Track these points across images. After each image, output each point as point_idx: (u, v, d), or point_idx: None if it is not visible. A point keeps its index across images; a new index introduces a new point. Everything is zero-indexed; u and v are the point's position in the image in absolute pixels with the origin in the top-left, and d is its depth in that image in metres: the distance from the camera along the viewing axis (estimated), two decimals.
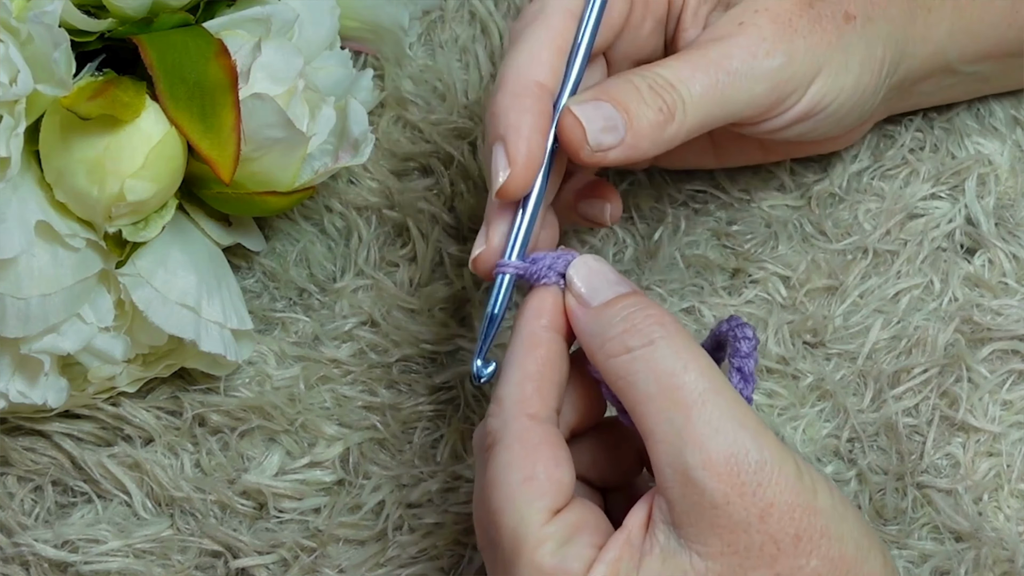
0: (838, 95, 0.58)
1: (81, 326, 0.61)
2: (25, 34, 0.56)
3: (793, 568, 0.47)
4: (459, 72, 0.71)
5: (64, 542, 0.64)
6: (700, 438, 0.47)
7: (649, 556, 0.48)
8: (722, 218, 0.68)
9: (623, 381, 0.49)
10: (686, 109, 0.54)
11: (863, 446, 0.64)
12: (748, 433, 0.48)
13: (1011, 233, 0.67)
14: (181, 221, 0.63)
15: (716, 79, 0.55)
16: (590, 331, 0.51)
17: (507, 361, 0.52)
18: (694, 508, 0.47)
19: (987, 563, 0.61)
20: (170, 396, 0.67)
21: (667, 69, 0.55)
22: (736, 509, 0.47)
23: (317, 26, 0.64)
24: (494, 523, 0.49)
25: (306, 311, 0.68)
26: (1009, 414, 0.64)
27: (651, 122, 0.54)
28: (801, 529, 0.47)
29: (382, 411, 0.66)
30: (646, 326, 0.49)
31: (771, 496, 0.47)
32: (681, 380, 0.48)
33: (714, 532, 0.47)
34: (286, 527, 0.64)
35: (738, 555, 0.47)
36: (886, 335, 0.65)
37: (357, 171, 0.70)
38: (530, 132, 0.53)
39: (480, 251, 0.54)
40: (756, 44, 0.56)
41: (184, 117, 0.58)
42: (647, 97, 0.54)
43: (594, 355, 0.50)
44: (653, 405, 0.48)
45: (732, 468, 0.47)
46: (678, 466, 0.47)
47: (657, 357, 0.49)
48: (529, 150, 0.53)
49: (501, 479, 0.49)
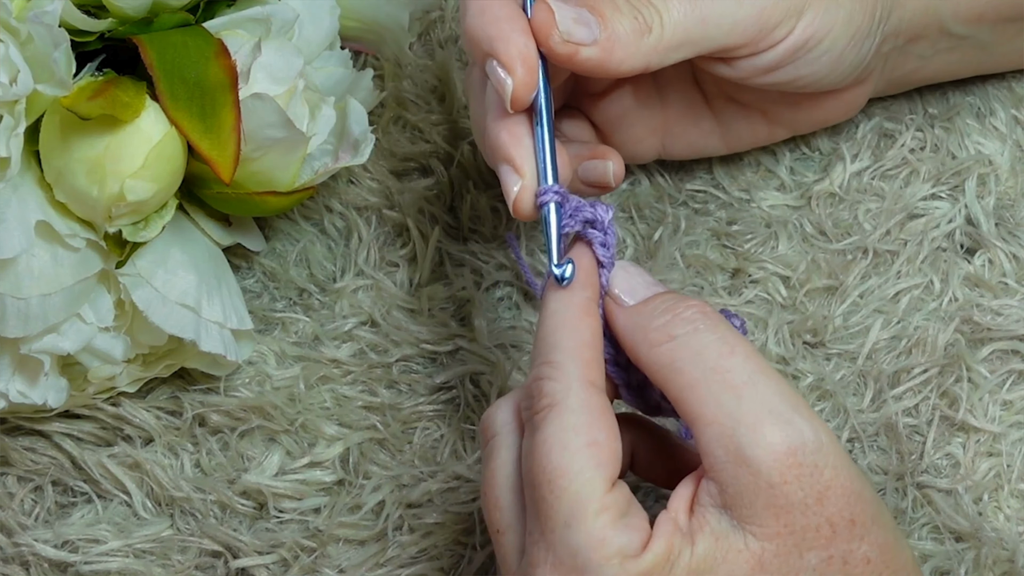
0: (830, 30, 0.58)
1: (81, 326, 0.61)
2: (25, 34, 0.56)
3: (846, 552, 0.47)
4: (459, 72, 0.71)
5: (64, 542, 0.64)
6: (754, 418, 0.47)
7: (700, 535, 0.47)
8: (722, 218, 0.68)
9: (668, 368, 0.49)
10: (663, 23, 0.54)
11: (863, 446, 0.64)
12: (801, 415, 0.47)
13: (1011, 233, 0.67)
14: (181, 221, 0.63)
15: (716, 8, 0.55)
16: (632, 326, 0.51)
17: (554, 328, 0.51)
18: (748, 489, 0.47)
19: (987, 563, 0.61)
20: (170, 396, 0.67)
21: None
22: (794, 490, 0.47)
23: (317, 26, 0.64)
24: (551, 485, 0.47)
25: (306, 311, 0.68)
26: (1009, 414, 0.64)
27: (627, 29, 0.53)
28: (856, 514, 0.47)
29: (382, 411, 0.66)
30: (689, 314, 0.49)
31: (828, 479, 0.47)
32: (729, 363, 0.48)
33: (770, 512, 0.47)
34: (286, 527, 0.64)
35: (794, 535, 0.47)
36: (886, 335, 0.65)
37: (357, 171, 0.70)
38: (513, 34, 0.52)
39: (518, 187, 0.53)
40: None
41: (184, 117, 0.58)
42: (623, 7, 0.54)
43: (636, 347, 0.50)
44: (701, 388, 0.48)
45: (789, 448, 0.47)
46: (731, 447, 0.47)
47: (703, 342, 0.49)
48: (520, 51, 0.52)
49: (565, 440, 0.48)
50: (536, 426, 0.49)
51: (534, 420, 0.49)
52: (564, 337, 0.50)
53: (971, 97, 0.69)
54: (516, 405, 0.52)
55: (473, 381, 0.66)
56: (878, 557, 0.48)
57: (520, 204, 0.53)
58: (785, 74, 0.58)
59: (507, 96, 0.53)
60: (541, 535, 0.48)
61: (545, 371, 0.50)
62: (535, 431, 0.49)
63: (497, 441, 0.52)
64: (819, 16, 0.57)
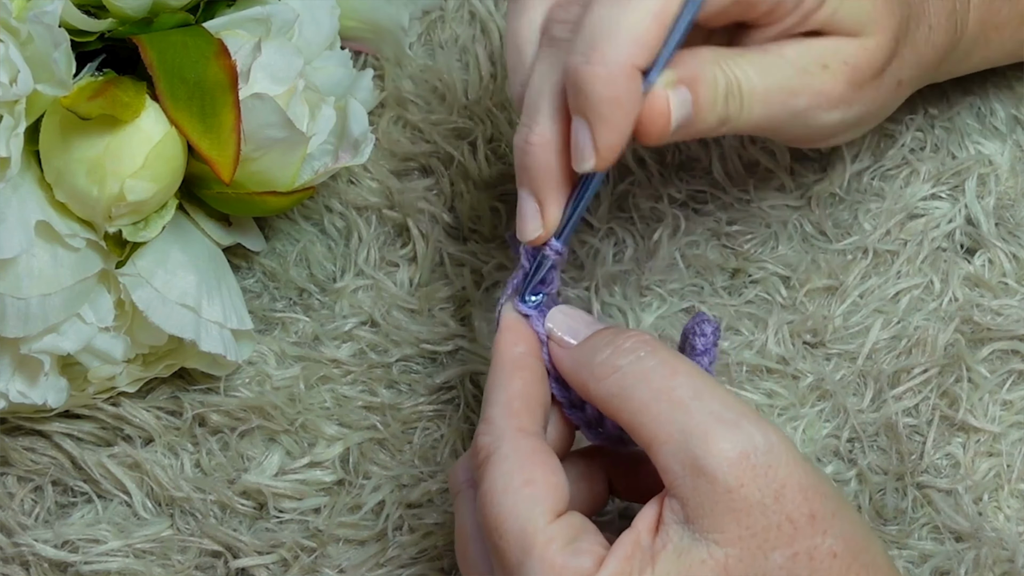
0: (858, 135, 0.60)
1: (81, 326, 0.61)
2: (25, 34, 0.56)
3: (810, 547, 0.48)
4: (459, 72, 0.71)
5: (64, 542, 0.64)
6: (704, 428, 0.48)
7: (663, 553, 0.48)
8: (722, 218, 0.68)
9: (617, 398, 0.50)
10: (735, 124, 0.54)
11: (863, 446, 0.64)
12: (749, 420, 0.48)
13: (1011, 233, 0.67)
14: (181, 221, 0.63)
15: (777, 111, 0.55)
16: (577, 364, 0.52)
17: (489, 386, 0.53)
18: (707, 498, 0.47)
19: (987, 563, 0.61)
20: (170, 396, 0.67)
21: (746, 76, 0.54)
22: (751, 491, 0.47)
23: (317, 26, 0.64)
24: (498, 531, 0.49)
25: (306, 311, 0.68)
26: (1009, 414, 0.64)
27: (706, 127, 0.54)
28: (815, 509, 0.48)
29: (382, 411, 0.66)
30: (629, 344, 0.51)
31: (783, 477, 0.48)
32: (673, 382, 0.49)
33: (730, 517, 0.47)
34: (286, 527, 0.64)
35: (756, 537, 0.47)
36: (886, 335, 0.65)
37: (357, 171, 0.70)
38: (621, 124, 0.51)
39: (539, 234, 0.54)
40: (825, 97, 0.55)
41: (184, 117, 0.58)
42: (719, 102, 0.54)
43: (585, 384, 0.51)
44: (651, 410, 0.49)
45: (742, 452, 0.47)
46: (686, 460, 0.48)
47: (647, 368, 0.50)
48: (618, 143, 0.51)
49: (501, 486, 0.49)
50: (480, 479, 0.50)
51: (478, 474, 0.51)
52: (495, 392, 0.52)
53: (971, 97, 0.69)
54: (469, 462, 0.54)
55: (473, 381, 0.66)
56: (844, 550, 0.48)
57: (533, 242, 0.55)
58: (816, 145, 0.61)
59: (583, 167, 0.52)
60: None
61: (481, 428, 0.51)
62: (480, 484, 0.50)
63: (459, 499, 0.53)
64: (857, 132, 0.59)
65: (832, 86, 0.55)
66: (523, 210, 0.54)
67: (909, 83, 0.60)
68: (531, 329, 0.54)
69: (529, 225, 0.54)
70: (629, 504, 0.63)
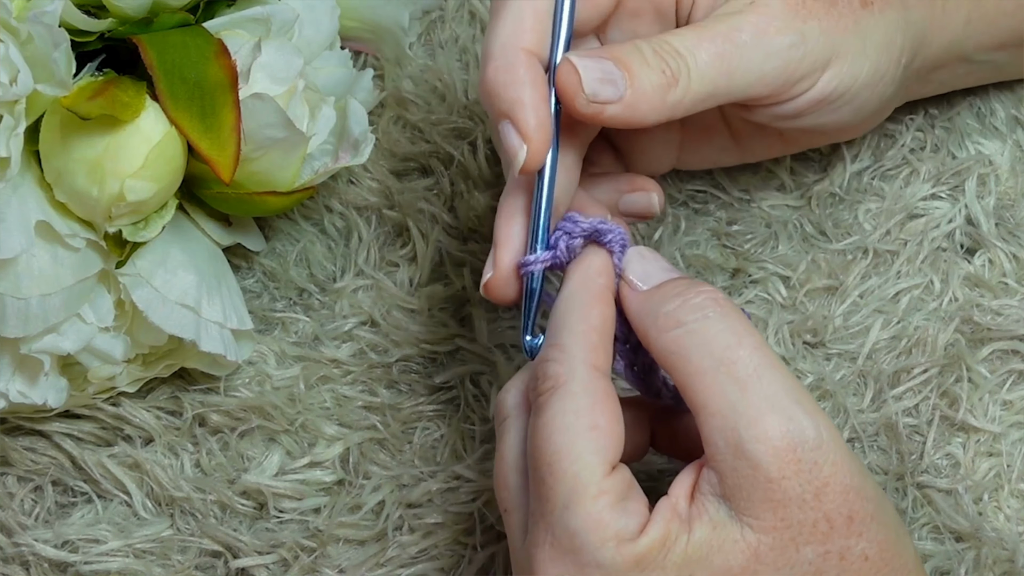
0: (854, 82, 0.57)
1: (81, 326, 0.61)
2: (25, 34, 0.56)
3: (843, 548, 0.48)
4: (459, 72, 0.71)
5: (64, 542, 0.64)
6: (756, 412, 0.47)
7: (698, 522, 0.48)
8: (722, 218, 0.68)
9: (675, 356, 0.49)
10: (691, 76, 0.54)
11: (863, 446, 0.64)
12: (804, 410, 0.48)
13: (1011, 233, 0.67)
14: (181, 221, 0.63)
15: (723, 49, 0.54)
16: (643, 310, 0.51)
17: (565, 309, 0.51)
18: (747, 481, 0.47)
19: (987, 563, 0.61)
20: (170, 396, 0.67)
21: (674, 36, 0.54)
22: (792, 484, 0.47)
23: (317, 26, 0.64)
24: (550, 467, 0.48)
25: (306, 311, 0.68)
26: (1009, 414, 0.64)
27: (654, 84, 0.53)
28: (854, 511, 0.48)
29: (382, 411, 0.66)
30: (700, 300, 0.50)
31: (827, 475, 0.47)
32: (736, 354, 0.48)
33: (767, 506, 0.47)
34: (286, 527, 0.64)
35: (791, 530, 0.47)
36: (886, 335, 0.65)
37: (357, 171, 0.70)
38: (533, 101, 0.52)
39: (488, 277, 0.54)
40: (767, 21, 0.55)
41: (184, 117, 0.58)
42: (651, 59, 0.53)
43: (647, 331, 0.50)
44: (707, 378, 0.48)
45: (789, 444, 0.47)
46: (732, 439, 0.47)
47: (711, 331, 0.49)
48: (539, 120, 0.52)
49: (565, 423, 0.48)
50: (540, 408, 0.49)
51: (538, 402, 0.50)
52: (573, 320, 0.51)
53: (971, 97, 0.69)
54: (526, 386, 0.52)
55: (473, 381, 0.66)
56: (877, 554, 0.48)
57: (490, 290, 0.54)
58: (806, 121, 0.58)
59: (517, 164, 0.52)
60: (541, 516, 0.48)
61: (551, 353, 0.50)
62: (539, 413, 0.49)
63: (507, 423, 0.52)
64: (844, 69, 0.56)
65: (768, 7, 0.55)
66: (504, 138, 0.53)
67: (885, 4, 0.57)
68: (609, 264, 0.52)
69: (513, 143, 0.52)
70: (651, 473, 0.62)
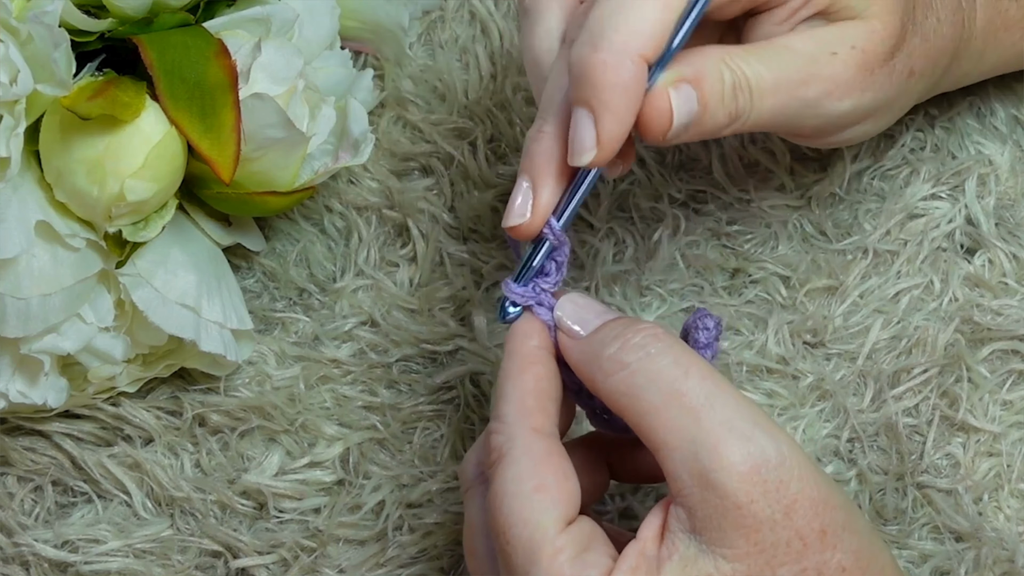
0: (878, 130, 0.59)
1: (81, 326, 0.61)
2: (25, 34, 0.56)
3: (819, 563, 0.47)
4: (459, 72, 0.71)
5: (64, 542, 0.64)
6: (715, 439, 0.47)
7: (668, 562, 0.47)
8: (722, 218, 0.68)
9: (625, 397, 0.49)
10: (748, 118, 0.54)
11: (863, 446, 0.64)
12: (762, 430, 0.47)
13: (1011, 233, 0.67)
14: (181, 221, 0.63)
15: (787, 102, 0.54)
16: (586, 357, 0.51)
17: (502, 381, 0.51)
18: (716, 511, 0.47)
19: (987, 563, 0.61)
20: (170, 396, 0.67)
21: (753, 70, 0.53)
22: (760, 507, 0.46)
23: (317, 26, 0.64)
24: (505, 536, 0.48)
25: (306, 311, 0.68)
26: (1009, 414, 0.64)
27: (716, 125, 0.53)
28: (826, 524, 0.47)
29: (382, 411, 0.66)
30: (639, 339, 0.49)
31: (794, 492, 0.47)
32: (684, 385, 0.48)
33: (739, 532, 0.46)
34: (286, 527, 0.64)
35: (764, 553, 0.47)
36: (886, 335, 0.65)
37: (357, 171, 0.70)
38: (625, 114, 0.50)
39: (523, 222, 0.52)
40: (835, 84, 0.55)
41: (184, 117, 0.58)
42: (726, 98, 0.53)
43: (593, 379, 0.50)
44: (660, 414, 0.48)
45: (752, 466, 0.47)
46: (695, 470, 0.47)
47: (656, 367, 0.48)
48: (620, 134, 0.50)
49: (511, 490, 0.48)
50: (491, 480, 0.50)
51: (488, 474, 0.50)
52: (508, 388, 0.51)
53: (971, 97, 0.69)
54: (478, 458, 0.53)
55: (473, 381, 0.66)
56: (853, 564, 0.47)
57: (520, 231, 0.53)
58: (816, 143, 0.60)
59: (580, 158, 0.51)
60: None
61: (493, 426, 0.50)
62: (490, 484, 0.49)
63: (469, 494, 0.53)
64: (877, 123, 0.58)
65: (842, 72, 0.55)
66: (515, 195, 0.52)
67: (921, 75, 0.58)
68: (543, 326, 0.52)
69: (517, 208, 0.52)
70: (629, 504, 0.63)
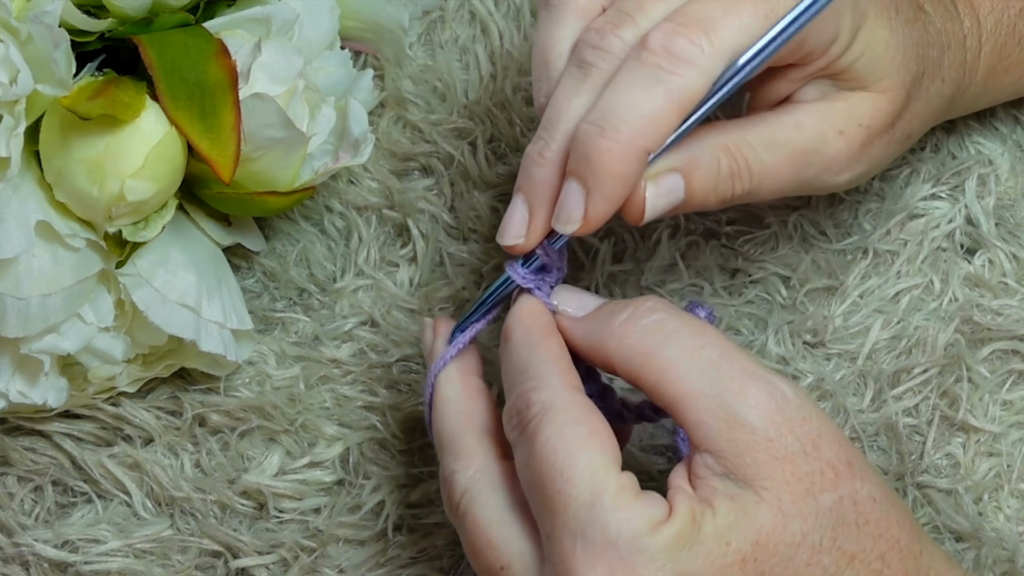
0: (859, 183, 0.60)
1: (81, 326, 0.61)
2: (25, 34, 0.56)
3: (853, 491, 0.49)
4: (459, 72, 0.71)
5: (64, 542, 0.64)
6: (738, 383, 0.49)
7: (715, 498, 0.48)
8: (722, 218, 0.68)
9: (641, 355, 0.50)
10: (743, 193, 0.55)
11: (863, 446, 0.64)
12: (779, 377, 0.49)
13: (1011, 233, 0.67)
14: (181, 221, 0.63)
15: (786, 183, 0.55)
16: (593, 329, 0.52)
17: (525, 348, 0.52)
18: (748, 448, 0.48)
19: (987, 563, 0.61)
20: (170, 396, 0.67)
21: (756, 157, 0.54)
22: (790, 441, 0.48)
23: (317, 26, 0.64)
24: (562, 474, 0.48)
25: (306, 311, 0.68)
26: (1009, 414, 0.64)
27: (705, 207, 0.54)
28: (850, 456, 0.49)
29: (382, 411, 0.66)
30: (650, 304, 0.51)
31: (817, 427, 0.49)
32: (701, 340, 0.50)
33: (775, 464, 0.48)
34: (286, 527, 0.64)
35: (802, 481, 0.48)
36: (886, 335, 0.65)
37: (357, 171, 0.70)
38: (617, 199, 0.52)
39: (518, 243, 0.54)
40: (835, 162, 0.56)
41: (184, 117, 0.58)
42: (720, 186, 0.54)
43: (604, 345, 0.51)
44: (679, 368, 0.49)
45: (776, 405, 0.49)
46: (722, 413, 0.48)
47: (671, 326, 0.50)
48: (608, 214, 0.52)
49: (567, 434, 0.49)
50: (532, 434, 0.50)
51: (528, 430, 0.50)
52: (537, 355, 0.52)
53: None
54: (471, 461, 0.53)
55: None
56: (882, 495, 0.49)
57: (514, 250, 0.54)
58: None
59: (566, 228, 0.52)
60: (563, 527, 0.48)
61: (529, 384, 0.51)
62: (533, 439, 0.50)
63: (468, 495, 0.52)
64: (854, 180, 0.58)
65: (845, 150, 0.56)
66: (512, 214, 0.53)
67: (917, 135, 0.60)
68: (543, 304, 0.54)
69: (513, 229, 0.53)
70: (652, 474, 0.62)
